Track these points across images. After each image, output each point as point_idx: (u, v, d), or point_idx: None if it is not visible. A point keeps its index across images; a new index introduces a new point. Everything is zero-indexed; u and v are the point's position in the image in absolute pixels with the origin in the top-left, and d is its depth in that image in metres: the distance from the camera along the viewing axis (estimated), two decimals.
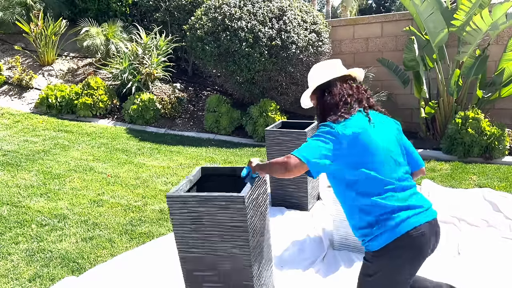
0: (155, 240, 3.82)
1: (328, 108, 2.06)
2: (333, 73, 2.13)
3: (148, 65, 7.73)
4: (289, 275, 3.20)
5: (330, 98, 2.06)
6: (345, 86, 2.10)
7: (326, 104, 2.08)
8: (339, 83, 2.10)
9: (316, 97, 2.18)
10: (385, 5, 28.26)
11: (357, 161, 1.92)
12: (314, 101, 2.21)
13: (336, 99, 2.05)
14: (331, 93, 2.07)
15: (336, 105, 2.04)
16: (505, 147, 5.78)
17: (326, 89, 2.09)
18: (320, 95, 2.13)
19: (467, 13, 5.93)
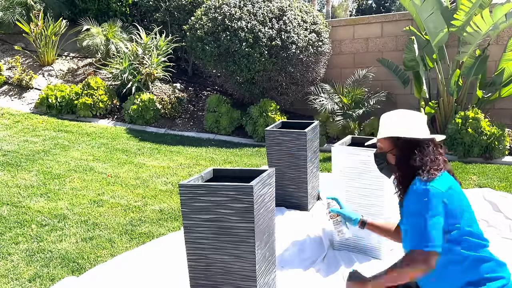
0: (155, 240, 3.82)
1: (416, 168, 1.88)
2: (427, 132, 1.97)
3: (148, 65, 7.73)
4: (289, 275, 3.20)
5: (419, 159, 1.88)
6: (436, 149, 1.93)
7: (412, 164, 1.88)
8: (431, 144, 1.94)
9: (394, 148, 1.98)
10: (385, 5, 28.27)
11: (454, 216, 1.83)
12: (385, 148, 2.02)
13: (425, 159, 1.87)
14: (422, 153, 1.90)
15: (423, 166, 1.86)
16: (505, 147, 5.78)
17: (417, 147, 1.91)
18: (405, 149, 1.94)
19: (467, 13, 5.93)
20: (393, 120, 2.02)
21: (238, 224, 2.36)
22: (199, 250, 2.46)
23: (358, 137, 3.91)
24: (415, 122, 1.98)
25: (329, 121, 6.76)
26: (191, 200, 2.40)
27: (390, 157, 2.01)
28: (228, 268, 2.45)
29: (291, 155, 4.32)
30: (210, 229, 2.41)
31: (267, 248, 2.62)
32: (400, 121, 1.99)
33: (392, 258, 3.42)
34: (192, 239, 2.46)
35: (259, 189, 2.40)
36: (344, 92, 7.08)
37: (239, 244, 2.39)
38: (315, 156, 4.53)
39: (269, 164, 4.45)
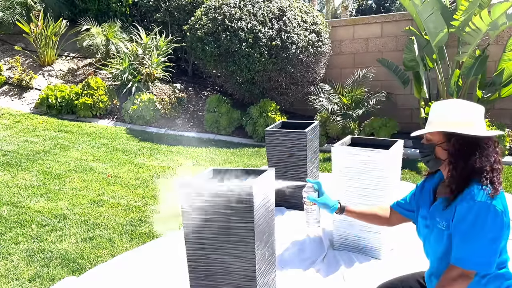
0: (155, 240, 3.82)
1: (475, 170, 1.71)
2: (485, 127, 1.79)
3: (148, 65, 7.73)
4: (289, 275, 3.20)
5: (479, 160, 1.71)
6: (495, 150, 1.77)
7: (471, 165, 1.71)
8: (491, 143, 1.76)
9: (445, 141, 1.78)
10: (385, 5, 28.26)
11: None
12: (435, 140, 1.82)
13: (485, 162, 1.71)
14: (483, 154, 1.72)
15: (482, 168, 1.70)
16: (505, 147, 5.78)
17: (477, 146, 1.72)
18: (462, 147, 1.74)
19: (467, 13, 5.93)
20: (450, 111, 1.79)
21: (238, 224, 2.36)
22: (199, 250, 2.47)
23: (358, 137, 3.91)
24: (473, 116, 1.76)
25: (329, 121, 6.76)
26: (191, 200, 2.40)
27: (440, 150, 1.80)
28: (228, 268, 2.45)
29: (291, 155, 4.32)
30: (210, 229, 2.41)
31: (267, 248, 2.62)
32: (456, 113, 1.77)
33: (392, 258, 3.42)
34: (192, 239, 2.46)
35: (259, 189, 2.40)
36: (344, 92, 7.08)
37: (239, 244, 2.39)
38: (315, 156, 4.53)
39: (269, 164, 4.45)
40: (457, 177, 1.75)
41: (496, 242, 1.66)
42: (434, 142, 1.82)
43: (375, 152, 3.29)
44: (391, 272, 2.93)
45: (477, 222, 1.65)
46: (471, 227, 1.66)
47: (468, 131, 1.72)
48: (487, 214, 1.64)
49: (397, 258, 3.41)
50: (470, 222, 1.66)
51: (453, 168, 1.77)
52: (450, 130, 1.75)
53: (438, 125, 1.80)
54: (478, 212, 1.65)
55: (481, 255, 1.66)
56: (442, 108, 1.83)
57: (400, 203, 2.14)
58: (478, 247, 1.66)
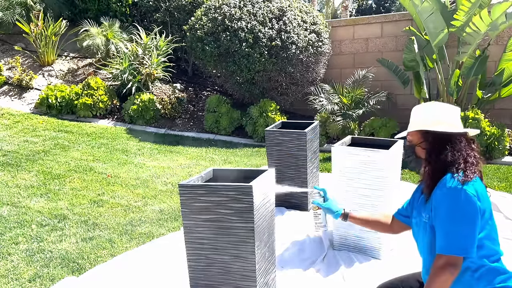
0: (155, 240, 3.82)
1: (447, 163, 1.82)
2: (460, 126, 1.91)
3: (148, 65, 7.73)
4: (289, 275, 3.20)
5: (451, 154, 1.82)
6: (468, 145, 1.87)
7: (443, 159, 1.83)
8: (463, 139, 1.87)
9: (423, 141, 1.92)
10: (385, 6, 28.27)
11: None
12: (415, 141, 1.96)
13: (458, 155, 1.82)
14: (454, 148, 1.84)
15: (454, 162, 1.81)
16: (505, 147, 5.78)
17: (449, 142, 1.84)
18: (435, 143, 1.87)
19: (467, 14, 5.93)
20: (424, 112, 1.95)
21: (238, 224, 2.36)
22: (199, 250, 2.47)
23: (358, 137, 3.91)
24: (447, 115, 1.91)
25: (329, 121, 6.76)
26: (191, 200, 2.40)
27: (419, 150, 1.94)
28: (228, 268, 2.45)
29: (291, 155, 4.32)
30: (210, 229, 2.41)
31: (267, 248, 2.62)
32: (431, 114, 1.92)
33: (392, 258, 3.42)
34: (192, 239, 2.46)
35: (259, 189, 2.40)
36: (344, 92, 7.08)
37: (239, 244, 2.39)
38: (315, 156, 4.53)
39: (269, 164, 4.45)
40: (431, 172, 1.87)
41: (471, 224, 1.72)
42: (414, 142, 1.96)
43: (375, 152, 3.29)
44: (391, 272, 2.93)
45: (450, 206, 1.74)
46: (445, 213, 1.75)
47: (440, 128, 1.86)
48: (458, 197, 1.73)
49: (397, 258, 3.41)
50: (444, 208, 1.75)
51: (428, 163, 1.89)
52: (424, 129, 1.89)
53: (414, 126, 1.95)
54: (449, 197, 1.75)
55: (458, 239, 1.72)
56: (419, 110, 1.98)
57: (399, 210, 2.20)
58: (455, 231, 1.72)
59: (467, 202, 1.72)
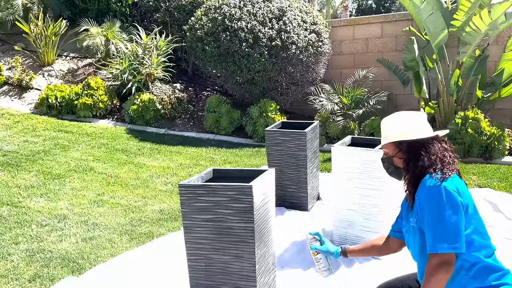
0: (155, 240, 3.82)
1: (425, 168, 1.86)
2: (430, 130, 1.97)
3: (148, 65, 7.73)
4: (289, 275, 3.20)
5: (427, 159, 1.87)
6: (441, 147, 1.92)
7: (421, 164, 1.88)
8: (435, 142, 1.92)
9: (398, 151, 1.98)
10: (385, 6, 28.27)
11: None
12: (390, 153, 2.02)
13: (433, 158, 1.87)
14: (428, 152, 1.89)
15: (434, 164, 1.86)
16: (505, 147, 5.78)
17: (423, 148, 1.90)
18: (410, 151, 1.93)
19: (467, 13, 5.93)
20: (393, 124, 2.01)
21: (238, 224, 2.36)
22: (199, 250, 2.47)
23: (358, 137, 3.91)
24: (416, 123, 1.97)
25: (329, 121, 6.76)
26: (191, 200, 2.40)
27: (397, 160, 2.00)
28: (228, 268, 2.45)
29: (291, 155, 4.32)
30: (210, 229, 2.41)
31: (267, 248, 2.62)
32: (400, 124, 1.98)
33: (392, 258, 3.42)
34: (192, 239, 2.46)
35: (259, 189, 2.40)
36: (344, 92, 7.08)
37: (239, 244, 2.39)
38: (315, 156, 4.53)
39: (269, 164, 4.45)
40: (411, 178, 1.93)
41: (456, 218, 1.73)
42: (391, 154, 2.02)
43: (375, 152, 3.29)
44: (391, 272, 2.93)
45: (432, 204, 1.77)
46: (429, 211, 1.78)
47: (412, 137, 1.92)
48: (438, 194, 1.76)
49: (397, 258, 3.41)
50: (427, 207, 1.78)
51: (407, 171, 1.95)
52: (397, 140, 1.95)
53: (386, 139, 2.01)
54: (430, 195, 1.78)
55: (446, 235, 1.73)
56: (388, 123, 2.03)
57: (392, 227, 2.21)
58: (441, 227, 1.74)
59: (448, 197, 1.75)
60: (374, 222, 3.42)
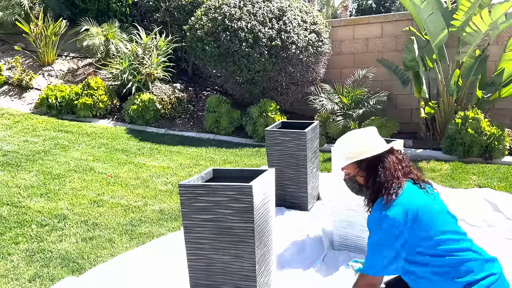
0: (155, 240, 3.82)
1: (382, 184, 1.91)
2: (383, 144, 2.01)
3: (148, 65, 7.73)
4: (289, 275, 3.20)
5: (383, 175, 1.91)
6: (395, 159, 1.96)
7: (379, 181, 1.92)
8: (389, 156, 1.97)
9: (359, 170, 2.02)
10: (385, 5, 28.27)
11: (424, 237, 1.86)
12: (352, 172, 2.04)
13: (388, 174, 1.91)
14: (384, 168, 1.93)
15: (388, 181, 1.90)
16: (505, 147, 5.78)
17: (380, 163, 1.94)
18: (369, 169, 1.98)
19: (467, 13, 5.93)
20: (348, 144, 2.05)
21: (238, 224, 2.36)
22: (199, 250, 2.47)
23: None
24: (369, 139, 2.02)
25: (329, 121, 6.76)
26: (191, 200, 2.40)
27: (359, 179, 2.05)
28: (228, 268, 2.45)
29: (291, 155, 4.32)
30: (210, 229, 2.41)
31: (267, 248, 2.62)
32: (356, 143, 2.02)
33: None
34: (192, 239, 2.46)
35: (258, 189, 2.40)
36: (344, 92, 7.08)
37: (239, 244, 2.39)
38: (315, 156, 4.53)
39: (269, 164, 4.45)
40: (371, 196, 1.99)
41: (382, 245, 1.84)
42: (352, 174, 2.07)
43: None
44: None
45: (371, 231, 1.90)
46: (369, 236, 1.90)
47: (368, 154, 1.97)
48: (378, 223, 1.86)
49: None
50: (370, 232, 1.91)
51: (367, 188, 2.01)
52: (356, 159, 2.00)
53: (343, 161, 2.05)
54: (370, 223, 1.91)
55: (375, 262, 1.86)
56: (341, 145, 2.08)
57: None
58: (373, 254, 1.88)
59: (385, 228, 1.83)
60: None
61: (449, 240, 1.85)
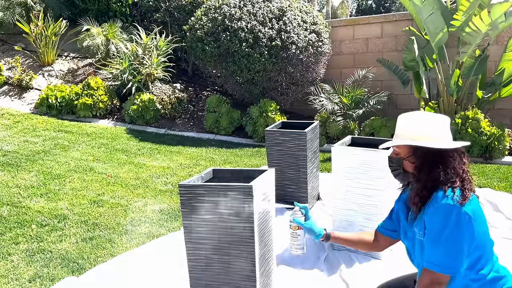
0: (155, 240, 3.82)
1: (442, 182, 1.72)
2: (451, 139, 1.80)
3: (148, 65, 7.73)
4: (289, 275, 3.20)
5: (443, 173, 1.72)
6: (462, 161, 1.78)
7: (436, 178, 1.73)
8: (456, 155, 1.76)
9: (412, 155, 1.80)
10: (385, 5, 28.28)
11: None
12: (402, 154, 1.84)
13: (450, 175, 1.72)
14: (447, 166, 1.73)
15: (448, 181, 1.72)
16: (505, 147, 5.78)
17: (441, 159, 1.74)
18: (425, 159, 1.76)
19: (466, 13, 5.93)
20: (413, 123, 1.81)
21: (238, 224, 2.36)
22: (199, 250, 2.46)
23: (358, 137, 3.91)
24: (439, 129, 1.78)
25: (329, 121, 6.76)
26: (191, 200, 2.40)
27: (407, 164, 1.83)
28: (228, 268, 2.45)
29: (291, 155, 4.32)
30: (210, 229, 2.41)
31: (267, 248, 2.62)
32: (421, 126, 1.78)
33: (392, 258, 3.42)
34: (192, 239, 2.46)
35: (259, 189, 2.40)
36: (344, 92, 7.08)
37: (239, 244, 2.39)
38: (315, 156, 4.53)
39: (269, 164, 4.45)
40: (420, 189, 1.77)
41: (461, 243, 1.66)
42: (401, 155, 1.84)
43: (375, 152, 3.29)
44: (391, 272, 2.93)
45: (441, 224, 1.67)
46: (436, 229, 1.68)
47: (431, 144, 1.73)
48: (452, 215, 1.65)
49: (397, 258, 3.41)
50: (435, 225, 1.69)
51: (417, 180, 1.79)
52: (415, 144, 1.76)
53: (403, 140, 1.81)
54: (441, 214, 1.67)
55: (445, 257, 1.67)
56: (408, 121, 1.83)
57: (383, 224, 2.12)
58: (443, 248, 1.67)
59: (459, 221, 1.65)
60: (374, 222, 3.42)
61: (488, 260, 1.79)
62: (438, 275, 1.68)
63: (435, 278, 1.68)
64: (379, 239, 2.12)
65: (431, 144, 1.73)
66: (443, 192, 1.70)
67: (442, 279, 1.68)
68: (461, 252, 1.66)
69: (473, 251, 1.70)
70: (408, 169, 1.84)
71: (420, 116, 1.83)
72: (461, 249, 1.66)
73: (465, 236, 1.66)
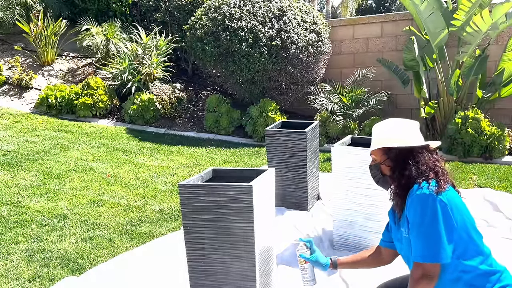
0: (155, 240, 3.82)
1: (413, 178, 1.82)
2: (421, 139, 1.93)
3: (148, 65, 7.72)
4: (289, 275, 3.20)
5: (414, 168, 1.82)
6: (431, 157, 1.87)
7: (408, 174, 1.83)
8: (426, 151, 1.88)
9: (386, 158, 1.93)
10: (385, 5, 28.28)
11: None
12: (378, 159, 1.96)
13: (423, 168, 1.81)
14: (417, 162, 1.84)
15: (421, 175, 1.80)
16: (505, 147, 5.78)
17: (411, 157, 1.85)
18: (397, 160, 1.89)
19: (467, 13, 5.93)
20: (383, 130, 1.97)
21: (238, 224, 2.36)
22: (199, 250, 2.46)
23: (358, 137, 3.91)
24: (406, 131, 1.94)
25: (329, 121, 6.76)
26: (191, 200, 2.40)
27: (384, 168, 1.96)
28: (228, 268, 2.45)
29: (291, 155, 4.32)
30: (210, 229, 2.41)
31: (267, 248, 2.62)
32: (391, 131, 1.94)
33: None
34: (192, 239, 2.46)
35: (259, 189, 2.40)
36: (344, 92, 7.08)
37: (239, 244, 2.39)
38: (315, 156, 4.53)
39: (269, 164, 4.45)
40: (398, 189, 1.89)
41: (441, 229, 1.71)
42: (378, 161, 1.97)
43: None
44: (391, 272, 2.93)
45: (418, 213, 1.75)
46: (415, 220, 1.76)
47: (401, 144, 1.87)
48: (428, 203, 1.73)
49: (397, 258, 3.41)
50: (414, 216, 1.77)
51: (394, 181, 1.91)
52: (386, 146, 1.90)
53: (375, 144, 1.95)
54: (417, 203, 1.76)
55: (431, 246, 1.72)
56: (378, 129, 1.99)
57: (382, 237, 2.18)
58: (427, 238, 1.73)
59: (435, 208, 1.72)
60: (374, 222, 3.42)
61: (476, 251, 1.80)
62: (426, 266, 1.73)
63: (425, 270, 1.74)
64: (382, 252, 2.18)
65: (401, 144, 1.88)
66: (418, 185, 1.79)
67: (431, 270, 1.73)
68: (440, 237, 1.71)
69: (458, 240, 1.74)
70: (386, 172, 1.96)
71: (391, 123, 1.99)
72: (440, 235, 1.71)
73: (442, 222, 1.71)
